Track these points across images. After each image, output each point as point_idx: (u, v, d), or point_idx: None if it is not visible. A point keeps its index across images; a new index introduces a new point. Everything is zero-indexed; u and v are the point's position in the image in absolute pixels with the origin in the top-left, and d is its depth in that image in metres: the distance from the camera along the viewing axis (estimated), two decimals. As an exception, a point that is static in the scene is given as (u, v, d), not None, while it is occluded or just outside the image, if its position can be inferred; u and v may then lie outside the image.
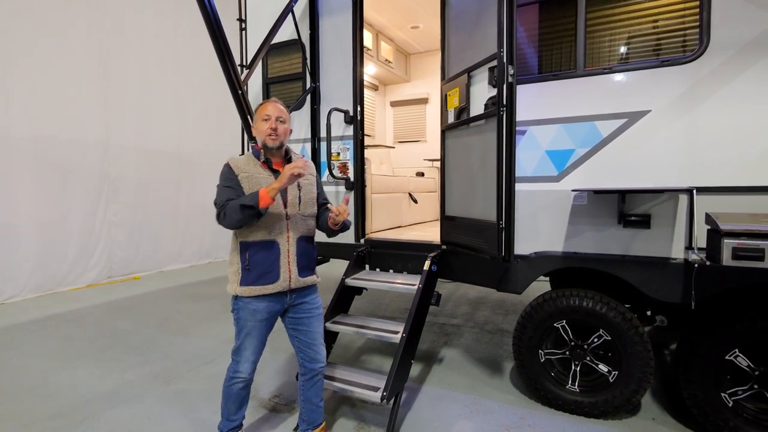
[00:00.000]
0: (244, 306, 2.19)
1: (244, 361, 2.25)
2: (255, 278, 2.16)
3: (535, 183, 2.90)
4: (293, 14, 3.72)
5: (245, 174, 2.17)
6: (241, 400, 2.34)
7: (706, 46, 2.46)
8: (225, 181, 2.17)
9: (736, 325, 2.40)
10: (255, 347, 2.25)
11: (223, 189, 2.15)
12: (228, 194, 2.12)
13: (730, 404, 2.45)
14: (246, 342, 2.23)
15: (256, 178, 2.18)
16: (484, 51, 2.74)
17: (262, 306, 2.19)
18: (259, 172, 2.20)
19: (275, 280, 2.18)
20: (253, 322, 2.20)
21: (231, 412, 2.34)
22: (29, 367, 3.69)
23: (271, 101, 2.27)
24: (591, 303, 2.74)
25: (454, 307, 5.40)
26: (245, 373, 2.26)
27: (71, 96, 6.41)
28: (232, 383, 2.28)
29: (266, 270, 2.17)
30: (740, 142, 2.41)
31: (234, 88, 3.19)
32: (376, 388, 2.59)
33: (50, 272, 6.25)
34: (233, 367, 2.28)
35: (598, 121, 2.72)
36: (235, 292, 2.18)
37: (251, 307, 2.18)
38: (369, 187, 3.99)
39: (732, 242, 2.18)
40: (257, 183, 2.16)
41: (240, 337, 2.24)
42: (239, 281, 2.17)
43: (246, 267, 2.16)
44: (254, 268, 2.15)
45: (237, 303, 2.21)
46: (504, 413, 2.87)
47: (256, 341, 2.24)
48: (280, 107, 2.25)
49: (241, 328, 2.22)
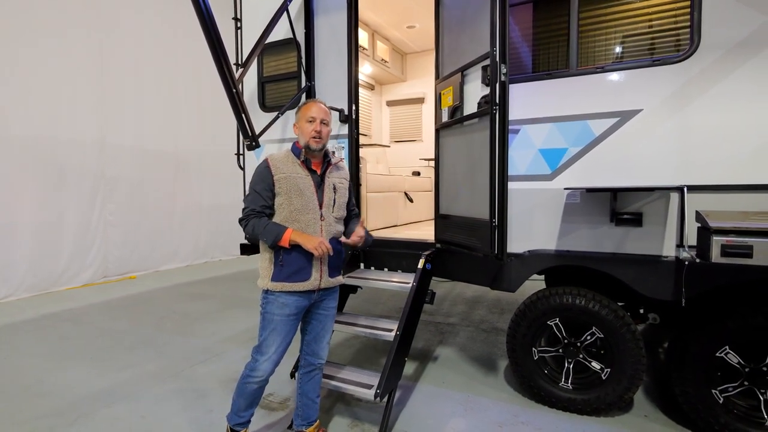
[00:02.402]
0: (274, 299, 2.20)
1: (264, 360, 2.22)
2: (287, 275, 2.18)
3: (528, 182, 2.91)
4: (288, 13, 3.72)
5: (283, 174, 2.18)
6: (253, 399, 2.32)
7: (697, 45, 2.48)
8: (259, 183, 2.19)
9: (727, 323, 2.42)
10: (279, 344, 2.23)
11: (254, 194, 2.19)
12: (257, 202, 2.17)
13: (720, 401, 2.47)
14: (270, 338, 2.21)
15: (294, 178, 2.20)
16: (478, 50, 2.75)
17: (291, 300, 2.21)
18: (297, 171, 2.22)
19: (307, 278, 2.21)
20: (280, 316, 2.20)
21: (240, 408, 2.32)
22: (24, 366, 3.69)
23: (315, 102, 2.28)
24: (584, 301, 2.75)
25: (451, 306, 5.42)
26: (264, 374, 2.23)
27: (67, 95, 6.40)
28: (248, 381, 2.25)
29: (299, 268, 2.19)
30: (731, 141, 2.43)
31: (228, 87, 3.18)
32: (370, 386, 2.60)
33: (46, 271, 6.23)
34: (251, 365, 2.25)
35: (590, 120, 2.73)
36: (266, 286, 2.20)
37: (281, 300, 2.20)
38: (364, 185, 3.99)
39: (721, 239, 2.20)
40: (294, 184, 2.19)
41: (265, 333, 2.22)
42: (271, 276, 2.19)
43: (279, 263, 2.18)
44: (287, 266, 2.18)
45: (267, 297, 2.23)
46: (498, 411, 2.89)
47: (280, 338, 2.22)
48: (325, 108, 2.28)
49: (269, 323, 2.22)
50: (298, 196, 2.18)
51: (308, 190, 2.21)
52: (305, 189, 2.21)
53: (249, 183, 2.25)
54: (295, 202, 2.18)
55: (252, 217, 2.16)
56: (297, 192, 2.18)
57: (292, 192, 2.18)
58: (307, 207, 2.20)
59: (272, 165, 2.20)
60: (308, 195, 2.21)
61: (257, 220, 2.15)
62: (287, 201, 2.18)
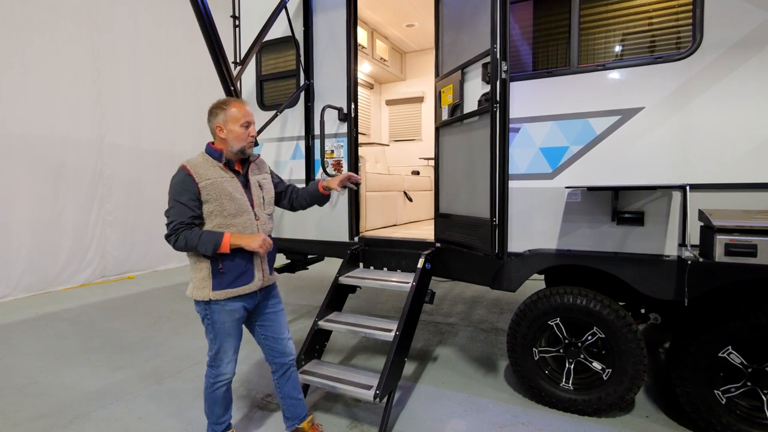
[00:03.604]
0: (220, 309, 2.13)
1: (226, 363, 2.22)
2: (230, 281, 2.12)
3: (528, 180, 2.89)
4: (287, 10, 3.70)
5: (208, 180, 2.07)
6: (226, 402, 2.31)
7: (699, 42, 2.45)
8: (183, 193, 2.04)
9: (729, 323, 2.40)
10: (236, 346, 2.24)
11: (179, 206, 2.03)
12: (184, 214, 2.03)
13: (723, 401, 2.45)
14: (226, 344, 2.19)
15: (220, 183, 2.09)
16: (478, 47, 2.73)
17: (238, 305, 2.17)
18: (222, 175, 2.12)
19: (251, 280, 2.17)
20: (231, 322, 2.17)
21: (219, 416, 2.32)
22: (20, 366, 3.66)
23: (244, 103, 2.18)
24: (585, 301, 2.73)
25: (450, 306, 5.39)
26: (229, 373, 2.24)
27: (65, 95, 6.36)
28: (216, 388, 2.24)
29: (241, 272, 2.14)
30: (734, 139, 2.40)
31: (227, 85, 3.16)
32: (369, 387, 2.58)
33: (43, 271, 6.20)
34: (213, 373, 2.23)
35: (591, 118, 2.71)
36: (208, 297, 2.10)
37: (228, 308, 2.14)
38: (363, 184, 3.97)
39: (725, 238, 2.17)
40: (222, 189, 2.09)
41: (218, 341, 2.18)
42: (211, 286, 2.10)
43: (219, 271, 2.09)
44: (229, 272, 2.11)
45: (211, 307, 2.13)
46: (498, 411, 2.86)
47: (236, 340, 2.22)
48: (251, 111, 2.21)
49: (219, 332, 2.16)
50: (230, 200, 2.10)
51: (238, 192, 2.14)
52: (235, 192, 2.12)
53: (169, 194, 2.07)
54: (228, 206, 2.09)
55: (182, 230, 2.02)
56: (227, 196, 2.09)
57: (223, 197, 2.08)
58: (241, 209, 2.13)
59: (193, 172, 2.05)
60: (239, 197, 2.14)
61: (188, 233, 2.02)
62: (218, 207, 2.07)
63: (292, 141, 3.96)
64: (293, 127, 3.95)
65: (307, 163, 3.87)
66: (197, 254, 2.11)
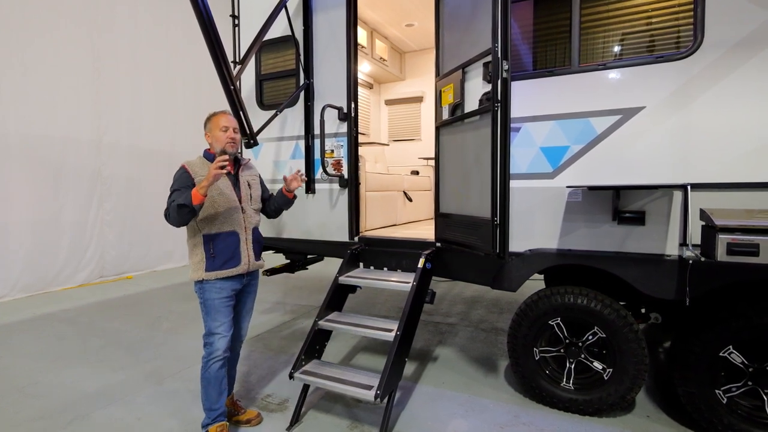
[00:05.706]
0: (211, 287, 2.44)
1: (219, 338, 2.44)
2: (220, 264, 2.44)
3: (529, 180, 2.88)
4: (287, 10, 3.69)
5: (202, 176, 2.37)
6: (221, 382, 2.49)
7: (701, 42, 2.45)
8: (180, 183, 2.38)
9: (731, 322, 2.40)
10: (225, 323, 2.47)
11: (176, 191, 2.34)
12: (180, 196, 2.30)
13: (724, 401, 2.45)
14: (217, 319, 2.45)
15: None
16: (479, 46, 2.72)
17: (226, 285, 2.47)
18: None
19: (237, 264, 2.50)
20: (219, 299, 2.45)
21: (213, 401, 2.48)
22: (19, 366, 3.64)
23: (225, 113, 2.55)
24: (586, 300, 2.72)
25: (450, 306, 5.39)
26: (221, 349, 2.45)
27: (64, 95, 6.35)
28: (211, 364, 2.44)
29: (230, 256, 2.47)
30: (735, 138, 2.40)
31: (226, 84, 3.15)
32: (370, 387, 2.57)
33: (42, 271, 6.18)
34: (209, 350, 2.46)
35: (592, 117, 2.70)
36: (201, 277, 2.42)
37: (217, 286, 2.45)
38: (363, 184, 3.96)
39: (726, 238, 2.17)
40: (214, 186, 2.39)
41: (210, 317, 2.45)
42: (205, 267, 2.42)
43: (211, 256, 2.43)
44: (219, 256, 2.44)
45: (203, 286, 2.45)
46: (498, 411, 2.86)
47: (224, 317, 2.47)
48: (233, 119, 2.58)
49: (210, 307, 2.45)
50: (220, 195, 2.44)
51: (227, 189, 2.49)
52: (224, 188, 2.47)
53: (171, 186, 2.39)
54: (218, 201, 2.43)
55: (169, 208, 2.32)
56: (218, 192, 2.43)
57: (214, 192, 2.40)
58: (229, 203, 2.48)
59: (191, 170, 2.41)
60: (228, 193, 2.48)
61: (171, 205, 2.28)
62: (209, 202, 2.39)
63: (291, 140, 3.95)
64: (293, 127, 3.94)
65: (307, 162, 3.86)
66: (194, 241, 2.46)
